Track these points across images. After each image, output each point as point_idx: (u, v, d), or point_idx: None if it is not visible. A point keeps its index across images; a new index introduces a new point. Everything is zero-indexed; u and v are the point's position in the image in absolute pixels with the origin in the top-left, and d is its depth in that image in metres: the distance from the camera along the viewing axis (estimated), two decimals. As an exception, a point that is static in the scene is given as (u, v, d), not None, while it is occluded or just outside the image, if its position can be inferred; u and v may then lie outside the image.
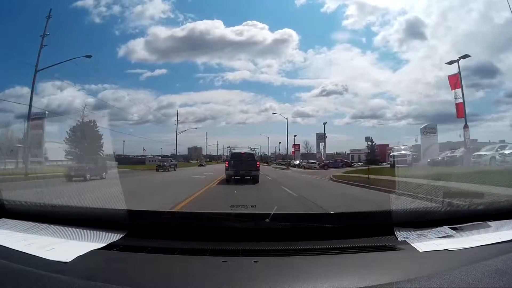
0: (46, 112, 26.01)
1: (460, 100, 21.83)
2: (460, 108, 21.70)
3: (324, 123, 46.70)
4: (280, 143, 57.96)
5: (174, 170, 30.21)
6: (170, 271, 1.22)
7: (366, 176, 14.97)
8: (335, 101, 56.37)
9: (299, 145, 51.28)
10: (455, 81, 22.56)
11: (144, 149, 45.91)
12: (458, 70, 21.78)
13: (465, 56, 22.78)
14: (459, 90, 21.95)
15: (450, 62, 22.92)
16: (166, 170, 28.86)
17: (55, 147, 29.18)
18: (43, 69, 21.34)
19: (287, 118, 45.98)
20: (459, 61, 21.87)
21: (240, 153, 16.82)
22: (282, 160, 56.66)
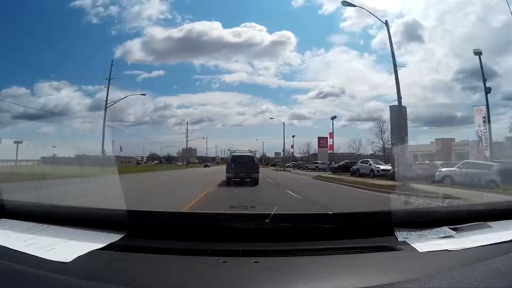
0: None
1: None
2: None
3: (478, 52, 19.21)
4: (294, 136, 49.40)
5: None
6: (170, 271, 1.22)
7: None
8: (332, 104, 56.21)
9: (326, 138, 38.44)
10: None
11: (121, 149, 40.19)
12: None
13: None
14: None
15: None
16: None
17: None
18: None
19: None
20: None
21: (241, 155, 17.38)
22: (294, 161, 48.15)
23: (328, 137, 38.46)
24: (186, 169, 47.30)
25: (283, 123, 45.55)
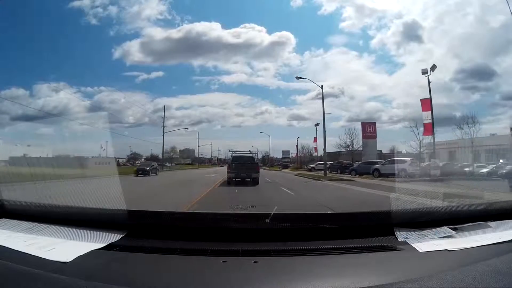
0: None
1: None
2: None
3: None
4: (317, 125, 34.78)
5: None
6: (170, 271, 1.22)
7: None
8: (331, 104, 55.80)
9: (373, 124, 25.76)
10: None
11: (102, 147, 33.75)
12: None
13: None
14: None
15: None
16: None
17: None
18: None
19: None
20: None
21: (241, 156, 18.13)
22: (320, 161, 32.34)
23: (422, 108, 21.43)
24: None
25: (321, 86, 26.25)
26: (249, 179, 15.73)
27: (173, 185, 16.79)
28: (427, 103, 21.69)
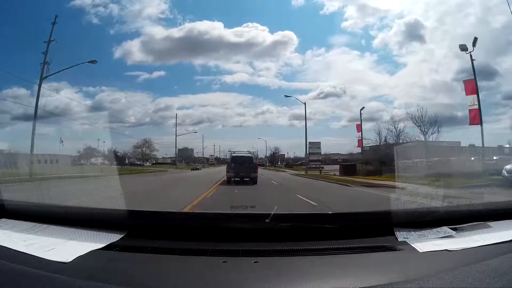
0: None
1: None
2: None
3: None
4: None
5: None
6: (170, 271, 1.22)
7: None
8: (332, 104, 55.31)
9: None
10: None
11: (61, 141, 27.31)
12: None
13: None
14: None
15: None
16: None
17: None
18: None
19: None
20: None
21: (240, 156, 18.15)
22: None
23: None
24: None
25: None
26: (248, 179, 15.91)
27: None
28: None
